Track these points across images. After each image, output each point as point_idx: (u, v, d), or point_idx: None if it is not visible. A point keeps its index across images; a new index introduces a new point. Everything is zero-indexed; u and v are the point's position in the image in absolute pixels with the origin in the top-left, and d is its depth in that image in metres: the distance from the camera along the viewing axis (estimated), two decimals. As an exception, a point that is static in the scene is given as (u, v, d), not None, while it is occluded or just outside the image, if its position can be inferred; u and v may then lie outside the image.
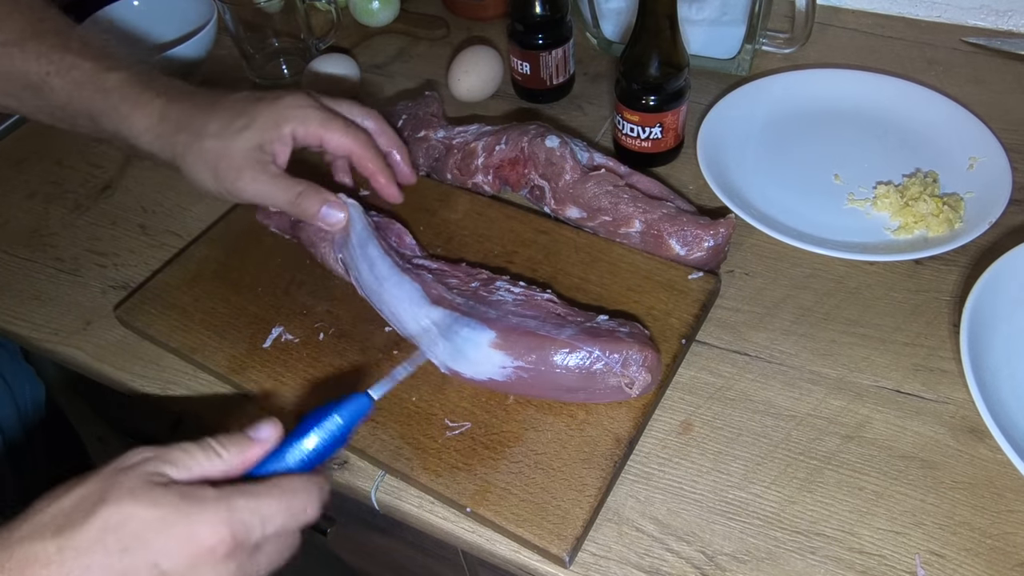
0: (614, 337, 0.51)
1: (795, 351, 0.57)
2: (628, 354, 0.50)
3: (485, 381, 0.52)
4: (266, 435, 0.40)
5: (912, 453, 0.51)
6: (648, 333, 0.53)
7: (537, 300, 0.55)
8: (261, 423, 0.40)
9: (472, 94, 0.80)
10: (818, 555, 0.47)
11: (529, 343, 0.50)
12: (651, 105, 0.66)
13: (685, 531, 0.49)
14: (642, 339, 0.51)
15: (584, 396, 0.52)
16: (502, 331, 0.51)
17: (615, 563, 0.48)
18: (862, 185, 0.67)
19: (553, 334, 0.50)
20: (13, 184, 0.79)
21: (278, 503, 0.37)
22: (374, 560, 0.87)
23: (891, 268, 0.61)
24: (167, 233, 0.72)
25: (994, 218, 0.60)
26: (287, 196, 0.55)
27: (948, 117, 0.70)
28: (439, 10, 0.94)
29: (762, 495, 0.50)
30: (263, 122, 0.55)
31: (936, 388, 0.54)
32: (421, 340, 0.53)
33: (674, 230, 0.60)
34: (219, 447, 0.38)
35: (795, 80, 0.76)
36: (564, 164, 0.63)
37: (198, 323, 0.61)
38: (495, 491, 0.49)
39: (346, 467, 0.54)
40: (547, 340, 0.50)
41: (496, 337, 0.51)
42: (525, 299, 0.55)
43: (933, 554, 0.46)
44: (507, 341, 0.51)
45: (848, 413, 0.53)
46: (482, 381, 0.52)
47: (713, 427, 0.53)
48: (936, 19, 0.84)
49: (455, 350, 0.52)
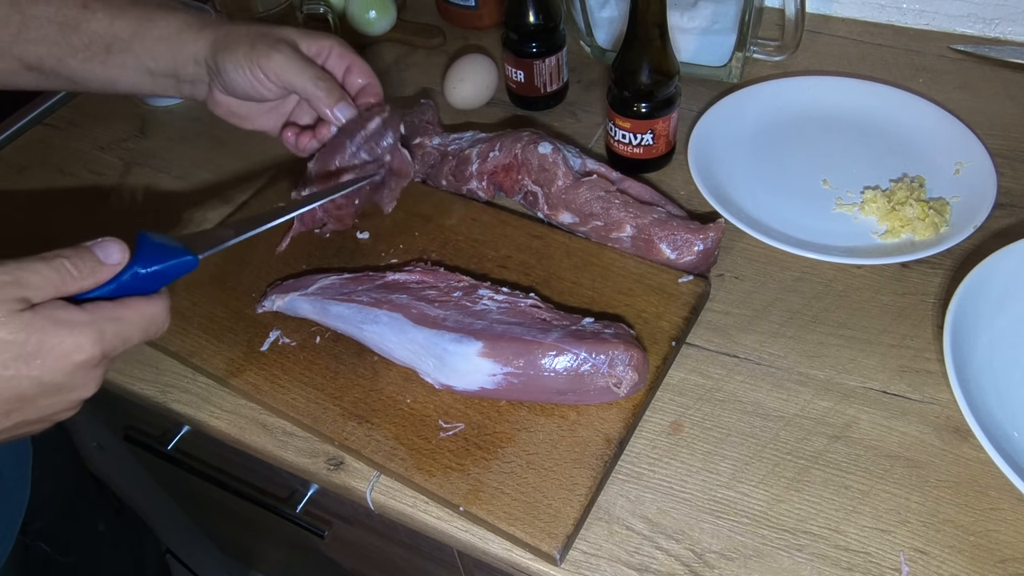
0: (599, 339, 0.52)
1: (784, 353, 0.58)
2: (614, 354, 0.51)
3: (476, 391, 0.53)
4: (116, 259, 0.42)
5: (897, 452, 0.52)
6: (633, 333, 0.54)
7: (521, 307, 0.56)
8: (110, 244, 0.42)
9: (467, 102, 0.81)
10: (805, 552, 0.48)
11: (516, 349, 0.51)
12: (642, 112, 0.68)
13: (674, 529, 0.49)
14: (627, 339, 0.52)
15: (574, 398, 0.53)
16: (489, 340, 0.52)
17: (606, 561, 0.48)
18: (850, 190, 0.68)
19: (539, 339, 0.52)
20: (15, 191, 0.80)
21: (137, 327, 0.42)
22: (370, 563, 0.88)
23: (878, 271, 0.62)
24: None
25: (979, 222, 0.61)
26: (311, 73, 0.57)
27: (935, 123, 0.71)
28: (435, 19, 0.96)
29: (750, 494, 0.51)
30: (303, 32, 0.59)
31: (921, 389, 0.55)
32: (414, 363, 0.55)
33: (664, 235, 0.61)
34: (73, 268, 0.40)
35: (785, 87, 0.77)
36: (556, 170, 0.64)
37: (196, 327, 0.62)
38: (488, 491, 0.50)
39: (342, 468, 0.55)
40: (534, 345, 0.51)
41: (483, 347, 0.52)
42: (509, 306, 0.56)
43: (917, 551, 0.47)
44: (494, 350, 0.52)
45: (835, 414, 0.54)
46: (474, 392, 0.54)
47: (703, 428, 0.54)
48: (924, 27, 0.86)
49: (444, 365, 0.53)
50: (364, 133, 0.59)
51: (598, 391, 0.52)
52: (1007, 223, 0.64)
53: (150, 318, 0.43)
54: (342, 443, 0.54)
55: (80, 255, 0.40)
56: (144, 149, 0.83)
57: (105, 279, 0.41)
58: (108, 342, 0.40)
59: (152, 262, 0.43)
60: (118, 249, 0.42)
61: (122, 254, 0.42)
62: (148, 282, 0.43)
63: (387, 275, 0.61)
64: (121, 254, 0.42)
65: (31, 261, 0.39)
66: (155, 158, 0.82)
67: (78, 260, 0.40)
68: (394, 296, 0.57)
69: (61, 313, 0.39)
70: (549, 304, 0.57)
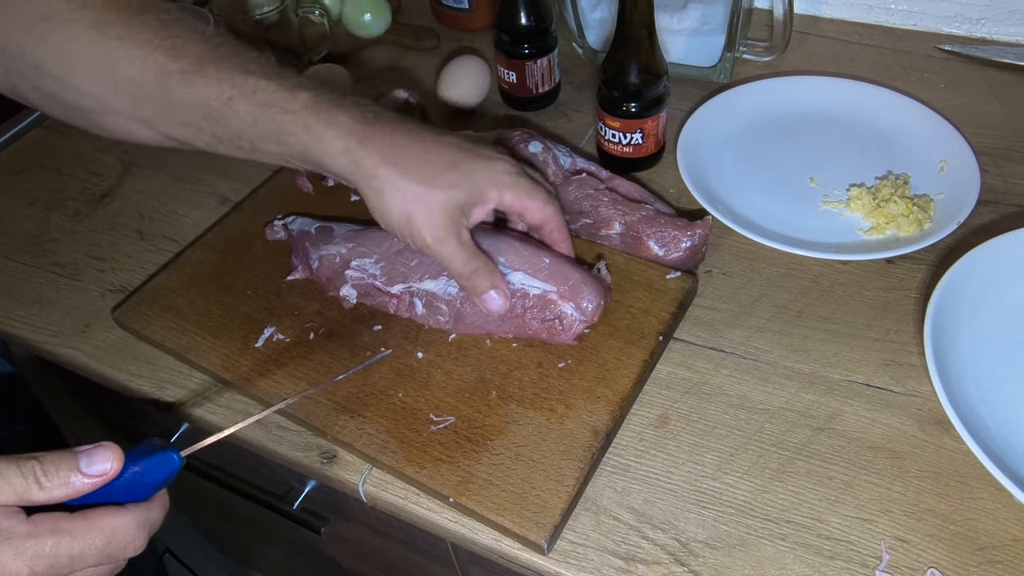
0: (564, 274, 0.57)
1: (770, 347, 0.59)
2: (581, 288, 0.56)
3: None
4: (99, 469, 0.37)
5: (880, 444, 0.53)
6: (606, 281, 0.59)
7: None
8: (96, 451, 0.37)
9: (460, 102, 0.82)
10: (788, 541, 0.49)
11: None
12: (632, 111, 0.69)
13: (660, 519, 0.50)
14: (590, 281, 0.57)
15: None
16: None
17: (593, 550, 0.49)
18: (836, 187, 0.69)
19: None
20: (15, 192, 0.81)
21: (94, 543, 0.36)
22: (367, 560, 0.89)
23: (863, 267, 0.63)
24: (164, 238, 0.74)
25: (962, 218, 0.62)
26: (464, 269, 0.54)
27: (921, 121, 0.72)
28: (429, 21, 0.97)
29: (735, 485, 0.52)
30: (474, 183, 0.53)
31: (904, 382, 0.56)
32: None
33: (652, 232, 0.62)
34: (42, 477, 0.36)
35: (773, 87, 0.78)
36: (546, 169, 0.65)
37: (193, 324, 0.63)
38: (477, 482, 0.51)
39: (335, 461, 0.56)
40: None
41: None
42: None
43: (898, 539, 0.48)
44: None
45: (819, 406, 0.55)
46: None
47: (689, 420, 0.55)
48: (912, 27, 0.87)
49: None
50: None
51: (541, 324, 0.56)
52: (990, 219, 0.65)
53: (110, 533, 0.37)
54: (334, 437, 0.55)
55: (56, 462, 0.36)
56: (142, 150, 0.84)
57: (81, 491, 0.37)
58: (45, 561, 0.35)
59: (133, 464, 0.39)
60: (108, 458, 0.37)
61: (110, 462, 0.37)
62: (132, 487, 0.39)
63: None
64: (107, 463, 0.37)
65: (3, 460, 0.36)
66: (153, 159, 0.83)
67: (51, 467, 0.36)
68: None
69: (1, 521, 0.35)
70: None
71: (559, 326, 0.56)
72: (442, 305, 0.59)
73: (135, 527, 0.38)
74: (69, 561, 0.36)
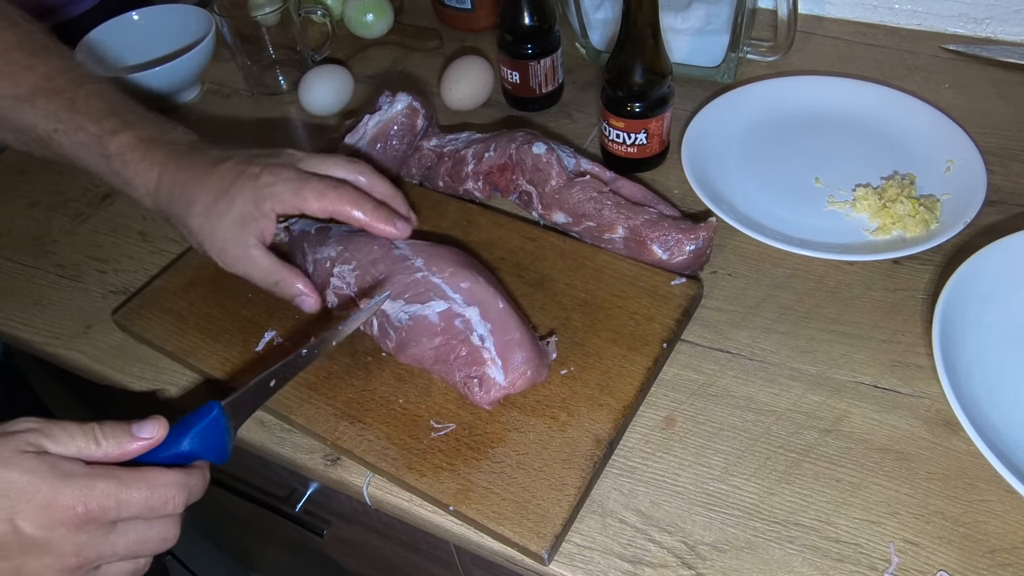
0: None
1: (776, 348, 0.59)
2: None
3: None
4: (148, 434, 0.42)
5: (888, 446, 0.52)
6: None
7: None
8: (147, 421, 0.42)
9: (463, 103, 0.82)
10: (796, 544, 0.48)
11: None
12: (636, 112, 0.68)
13: (667, 522, 0.50)
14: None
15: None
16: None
17: (599, 553, 0.49)
18: (842, 188, 0.69)
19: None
20: (16, 194, 0.81)
21: (139, 493, 0.40)
22: (370, 562, 0.89)
23: (869, 268, 0.63)
24: (165, 240, 0.74)
25: (969, 219, 0.62)
26: (266, 281, 0.58)
27: (926, 121, 0.72)
28: (432, 22, 0.96)
29: (742, 487, 0.51)
30: (242, 203, 0.56)
31: (912, 383, 0.55)
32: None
33: (656, 235, 0.61)
34: (100, 435, 0.41)
35: (777, 87, 0.77)
36: (550, 170, 0.64)
37: (193, 327, 0.62)
38: (477, 490, 0.50)
39: (339, 464, 0.55)
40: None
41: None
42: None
43: (907, 542, 0.48)
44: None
45: (826, 408, 0.55)
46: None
47: (695, 422, 0.55)
48: (917, 27, 0.86)
49: None
50: None
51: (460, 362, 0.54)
52: (996, 219, 0.65)
53: (152, 485, 0.41)
54: (334, 443, 0.54)
55: (113, 426, 0.42)
56: (143, 152, 0.84)
57: (133, 452, 0.42)
58: (96, 499, 0.39)
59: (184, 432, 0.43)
60: (154, 424, 0.42)
61: (156, 429, 0.42)
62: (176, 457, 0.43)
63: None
64: (154, 430, 0.42)
65: (70, 422, 0.41)
66: (154, 161, 0.82)
67: (108, 429, 0.41)
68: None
69: (62, 463, 0.39)
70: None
71: (477, 388, 0.53)
72: (390, 330, 0.56)
73: (175, 485, 0.42)
74: (116, 504, 0.40)
